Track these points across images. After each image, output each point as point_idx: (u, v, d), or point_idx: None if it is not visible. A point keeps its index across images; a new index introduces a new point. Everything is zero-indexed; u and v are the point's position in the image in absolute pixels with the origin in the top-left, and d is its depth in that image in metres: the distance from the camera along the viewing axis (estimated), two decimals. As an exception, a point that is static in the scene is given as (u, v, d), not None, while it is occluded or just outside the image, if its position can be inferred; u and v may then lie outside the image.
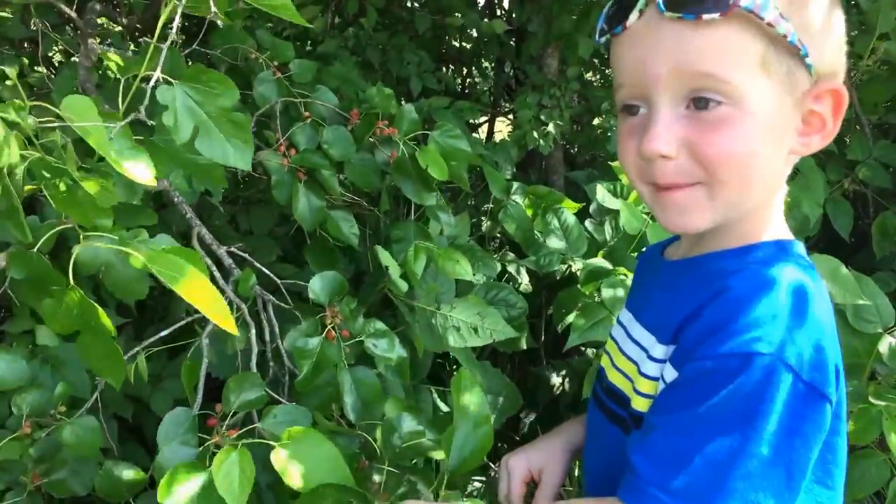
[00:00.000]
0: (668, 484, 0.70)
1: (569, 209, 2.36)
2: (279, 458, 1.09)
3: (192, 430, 1.31)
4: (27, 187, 1.05)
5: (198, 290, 0.97)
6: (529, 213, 2.46)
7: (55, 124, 0.96)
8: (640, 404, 0.82)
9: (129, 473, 1.43)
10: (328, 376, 1.43)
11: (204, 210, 2.30)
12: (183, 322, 1.61)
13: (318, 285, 1.49)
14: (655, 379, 0.80)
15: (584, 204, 2.46)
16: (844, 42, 0.80)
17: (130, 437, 2.32)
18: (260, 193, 2.23)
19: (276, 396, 1.43)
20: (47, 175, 0.98)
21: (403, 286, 1.60)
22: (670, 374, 0.75)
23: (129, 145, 0.98)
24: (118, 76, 2.05)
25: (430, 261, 1.62)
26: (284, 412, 1.28)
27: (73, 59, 2.44)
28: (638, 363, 0.84)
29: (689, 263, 0.87)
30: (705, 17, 0.71)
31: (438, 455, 1.11)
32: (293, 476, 1.06)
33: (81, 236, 1.11)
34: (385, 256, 1.60)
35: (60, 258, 1.45)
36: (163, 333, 1.55)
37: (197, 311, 1.70)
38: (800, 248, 0.83)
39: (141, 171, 0.99)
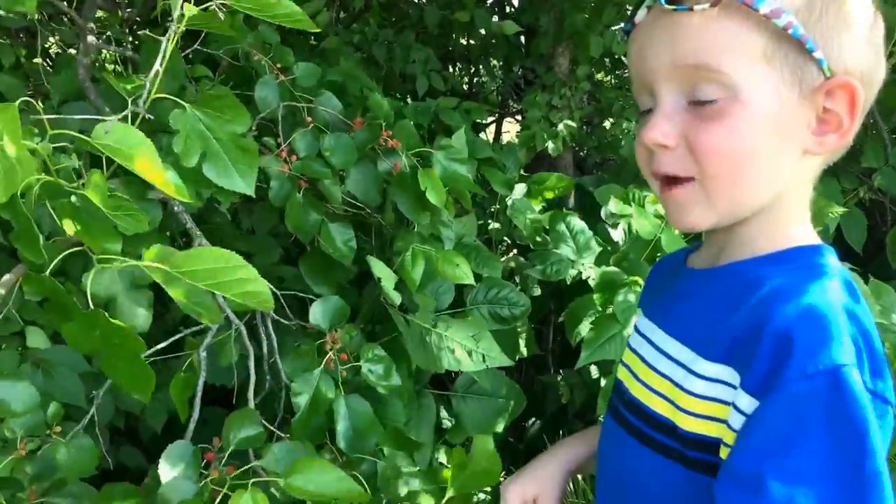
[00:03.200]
0: None
1: (558, 191, 2.32)
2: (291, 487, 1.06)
3: (195, 465, 1.30)
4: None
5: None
6: (536, 204, 2.42)
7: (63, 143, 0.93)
8: (688, 424, 0.77)
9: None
10: (322, 411, 1.39)
11: (206, 208, 2.26)
12: (179, 336, 1.57)
13: (319, 311, 1.45)
14: (714, 400, 0.75)
15: (592, 206, 2.42)
16: (876, 38, 0.78)
17: (125, 440, 2.29)
18: (263, 192, 2.18)
19: (271, 427, 1.42)
20: (62, 198, 0.95)
21: (397, 298, 1.55)
22: (747, 402, 0.70)
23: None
24: (117, 68, 2.01)
25: (428, 269, 1.57)
26: (284, 449, 1.27)
27: (70, 50, 2.39)
28: (674, 379, 0.80)
29: (720, 272, 0.84)
30: (696, 7, 0.72)
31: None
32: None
33: (96, 260, 1.09)
34: (378, 267, 1.55)
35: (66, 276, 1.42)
36: (160, 346, 1.51)
37: (195, 324, 1.70)
38: (831, 252, 0.81)
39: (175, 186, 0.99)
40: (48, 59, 2.55)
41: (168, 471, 1.26)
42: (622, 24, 0.83)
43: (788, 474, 0.66)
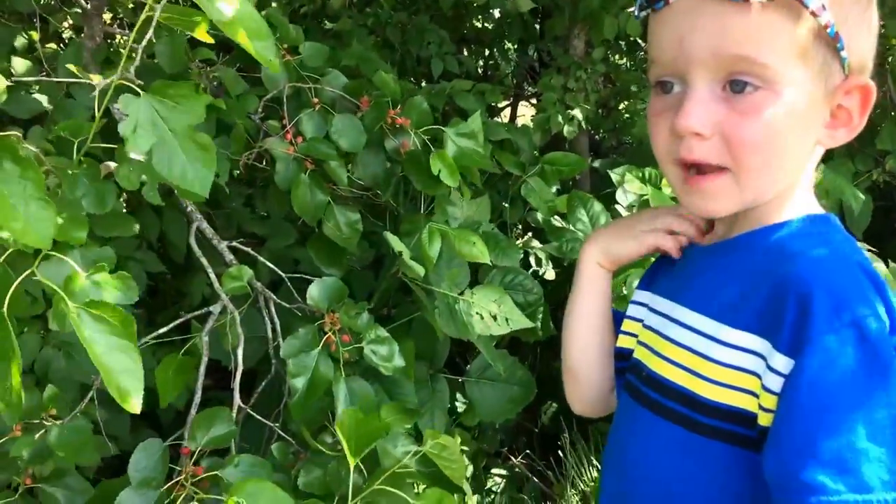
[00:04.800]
0: (863, 485, 0.66)
1: (575, 170, 2.29)
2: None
3: (163, 462, 1.29)
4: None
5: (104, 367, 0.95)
6: (550, 185, 2.39)
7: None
8: (710, 392, 0.79)
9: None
10: (324, 393, 1.38)
11: (219, 193, 2.26)
12: (181, 320, 1.57)
13: (316, 291, 1.43)
14: (740, 369, 0.76)
15: (607, 191, 2.38)
16: (876, 38, 0.81)
17: (144, 423, 2.30)
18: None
19: (270, 423, 1.38)
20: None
21: (420, 270, 1.53)
22: (783, 363, 0.71)
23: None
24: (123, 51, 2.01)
25: (443, 248, 1.56)
26: (247, 463, 1.26)
27: (82, 35, 2.40)
28: (697, 349, 0.81)
29: (734, 243, 0.85)
30: (753, 0, 0.71)
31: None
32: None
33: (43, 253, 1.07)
34: (396, 242, 1.54)
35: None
36: (161, 330, 1.51)
37: (202, 305, 1.70)
38: (836, 220, 0.84)
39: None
40: (63, 44, 2.57)
41: (136, 467, 1.27)
42: (646, 2, 0.80)
43: (835, 428, 0.67)
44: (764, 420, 0.74)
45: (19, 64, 1.88)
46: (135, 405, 0.95)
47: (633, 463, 0.89)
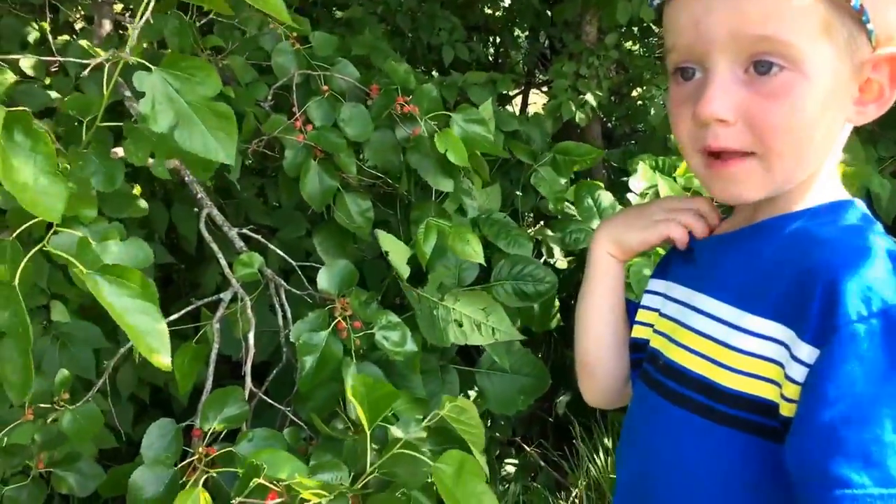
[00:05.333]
0: (889, 478, 0.64)
1: (590, 162, 2.28)
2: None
3: (176, 442, 1.29)
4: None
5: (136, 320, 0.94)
6: (563, 176, 2.38)
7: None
8: (729, 380, 0.77)
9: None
10: (333, 372, 1.37)
11: (229, 182, 2.26)
12: (192, 307, 1.57)
13: (325, 276, 1.42)
14: (762, 358, 0.74)
15: (619, 180, 2.36)
16: None
17: (159, 414, 2.31)
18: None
19: (281, 407, 1.39)
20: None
21: (405, 272, 1.52)
22: (807, 352, 0.69)
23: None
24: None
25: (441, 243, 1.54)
26: (260, 437, 1.25)
27: (93, 24, 2.40)
28: (717, 338, 0.79)
29: (758, 229, 0.82)
30: None
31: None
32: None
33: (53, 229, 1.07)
34: (387, 241, 1.52)
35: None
36: (173, 317, 1.51)
37: (208, 295, 1.70)
38: (863, 204, 0.81)
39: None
40: (74, 35, 2.57)
41: (149, 447, 1.26)
42: None
43: (862, 420, 0.65)
44: (786, 410, 0.72)
45: (28, 63, 1.88)
46: (164, 362, 0.95)
47: (650, 453, 0.88)
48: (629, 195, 2.30)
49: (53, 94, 1.67)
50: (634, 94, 3.45)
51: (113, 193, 1.24)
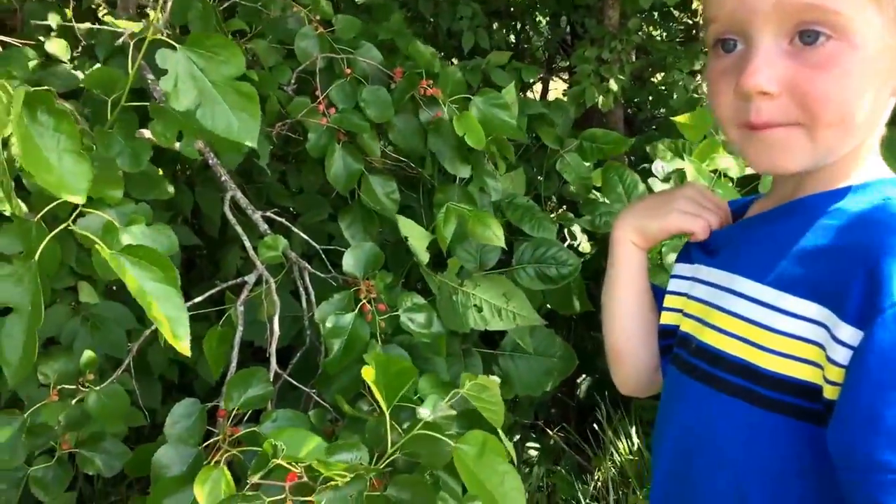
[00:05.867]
0: None
1: (618, 149, 2.25)
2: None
3: (200, 421, 1.29)
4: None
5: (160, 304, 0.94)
6: (586, 162, 2.36)
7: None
8: (769, 362, 0.75)
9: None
10: (358, 354, 1.38)
11: (254, 167, 2.26)
12: (216, 290, 1.58)
13: (351, 258, 1.42)
14: (800, 339, 0.72)
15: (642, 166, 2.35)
16: None
17: (179, 395, 2.34)
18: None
19: (306, 389, 1.40)
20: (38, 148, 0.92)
21: (425, 257, 1.51)
22: (850, 334, 0.67)
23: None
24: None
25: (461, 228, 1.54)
26: (284, 417, 1.26)
27: (115, 8, 2.41)
28: (754, 319, 0.77)
29: (797, 206, 0.80)
30: None
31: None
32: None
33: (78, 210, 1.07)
34: (406, 226, 1.52)
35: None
36: (197, 300, 1.52)
37: (236, 278, 1.71)
38: None
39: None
40: (97, 20, 2.58)
41: (173, 426, 1.27)
42: None
43: None
44: (830, 393, 0.70)
45: (54, 46, 1.89)
46: (184, 347, 0.95)
47: (688, 439, 0.86)
48: (651, 180, 2.28)
49: (80, 75, 1.68)
50: (656, 78, 3.41)
51: (139, 175, 1.24)
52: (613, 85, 2.69)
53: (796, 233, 0.77)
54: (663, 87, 3.28)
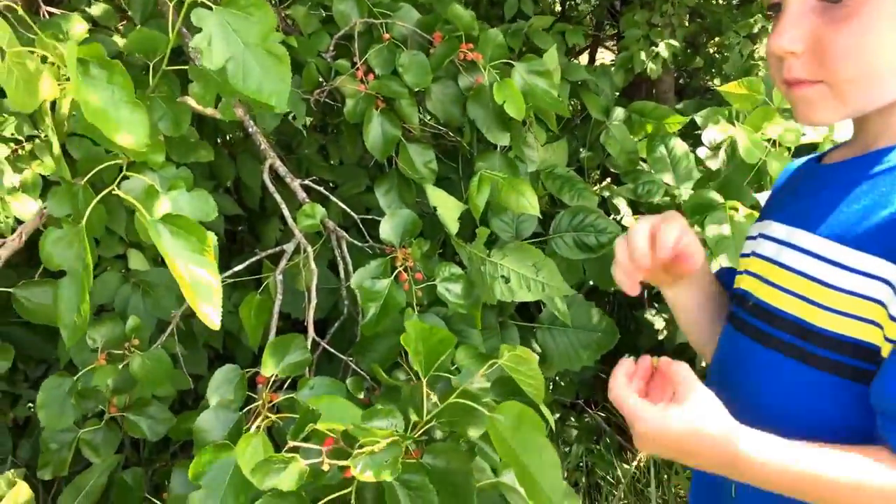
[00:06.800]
0: None
1: (674, 126, 2.17)
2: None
3: (241, 388, 1.29)
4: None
5: (182, 277, 0.92)
6: (634, 136, 2.28)
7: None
8: (826, 321, 0.74)
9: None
10: (395, 323, 1.36)
11: (294, 138, 2.25)
12: (255, 258, 1.57)
13: (388, 225, 1.41)
14: (862, 297, 0.71)
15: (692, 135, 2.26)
16: None
17: (222, 363, 2.36)
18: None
19: (344, 357, 1.40)
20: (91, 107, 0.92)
21: (454, 227, 1.48)
22: None
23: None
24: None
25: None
26: (321, 384, 1.26)
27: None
28: (815, 276, 0.76)
29: (865, 160, 0.80)
30: None
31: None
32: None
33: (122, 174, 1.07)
34: (435, 195, 1.49)
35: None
36: (237, 268, 1.52)
37: (270, 246, 1.70)
38: None
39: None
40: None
41: (215, 391, 1.27)
42: None
43: None
44: (888, 353, 0.69)
45: (98, 9, 1.90)
46: (213, 321, 0.94)
47: (742, 398, 0.83)
48: (700, 150, 2.21)
49: (121, 42, 1.68)
50: (711, 45, 3.28)
51: (179, 139, 1.25)
52: (664, 50, 2.59)
53: (862, 186, 0.77)
54: (717, 53, 3.16)
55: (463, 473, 0.95)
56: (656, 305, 2.69)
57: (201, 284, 0.96)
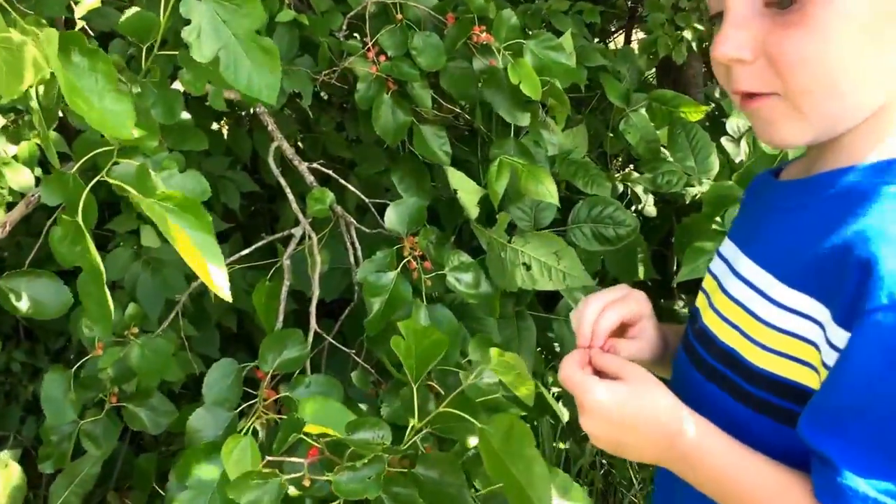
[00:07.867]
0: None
1: (694, 116, 2.10)
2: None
3: (237, 385, 1.28)
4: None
5: (192, 251, 0.90)
6: (654, 123, 2.21)
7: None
8: (758, 357, 0.68)
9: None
10: (403, 314, 1.33)
11: (307, 115, 2.22)
12: (263, 242, 1.55)
13: (394, 213, 1.37)
14: (792, 335, 0.66)
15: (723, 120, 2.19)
16: None
17: (238, 344, 2.36)
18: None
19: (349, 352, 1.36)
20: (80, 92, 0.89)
21: (475, 211, 1.45)
22: (840, 336, 0.61)
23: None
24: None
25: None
26: (317, 383, 1.23)
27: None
28: (748, 307, 0.71)
29: (811, 183, 0.72)
30: None
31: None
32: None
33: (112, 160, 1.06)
34: (456, 178, 1.45)
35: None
36: (243, 252, 1.50)
37: (280, 230, 1.68)
38: None
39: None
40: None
41: (211, 387, 1.26)
42: None
43: (876, 419, 0.59)
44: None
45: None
46: (224, 291, 0.92)
47: None
48: (724, 139, 2.14)
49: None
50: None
51: (173, 124, 1.22)
52: (688, 34, 2.49)
53: (801, 213, 0.71)
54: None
55: (457, 486, 0.92)
56: (683, 297, 2.64)
57: (209, 249, 0.95)
